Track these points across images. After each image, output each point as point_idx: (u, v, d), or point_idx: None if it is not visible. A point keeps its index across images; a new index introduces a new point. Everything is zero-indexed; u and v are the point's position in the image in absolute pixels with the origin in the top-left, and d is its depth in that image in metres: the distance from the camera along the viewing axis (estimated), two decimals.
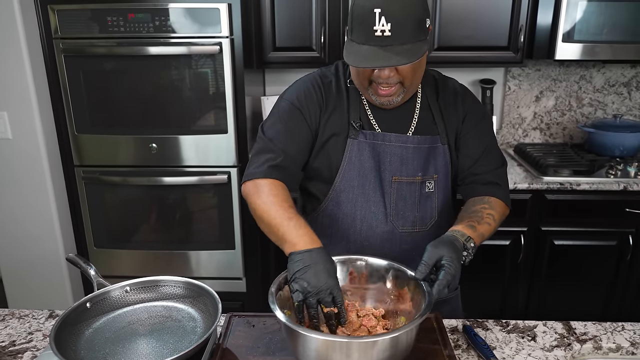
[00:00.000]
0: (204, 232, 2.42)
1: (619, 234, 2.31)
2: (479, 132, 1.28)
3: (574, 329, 1.22)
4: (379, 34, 1.04)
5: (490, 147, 1.29)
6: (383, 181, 1.25)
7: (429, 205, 1.29)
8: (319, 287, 0.97)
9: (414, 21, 1.05)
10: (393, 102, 1.20)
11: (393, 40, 1.05)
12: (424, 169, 1.26)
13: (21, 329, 1.23)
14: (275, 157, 1.20)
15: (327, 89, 1.26)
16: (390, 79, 1.13)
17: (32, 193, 2.32)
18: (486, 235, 1.16)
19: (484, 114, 1.32)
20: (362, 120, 1.25)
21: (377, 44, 1.05)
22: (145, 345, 1.02)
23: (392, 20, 1.03)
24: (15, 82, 2.18)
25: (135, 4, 2.12)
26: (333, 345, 0.89)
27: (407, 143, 1.25)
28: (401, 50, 1.05)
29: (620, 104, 2.75)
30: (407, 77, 1.15)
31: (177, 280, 1.16)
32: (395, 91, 1.17)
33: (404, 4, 1.04)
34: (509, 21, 2.35)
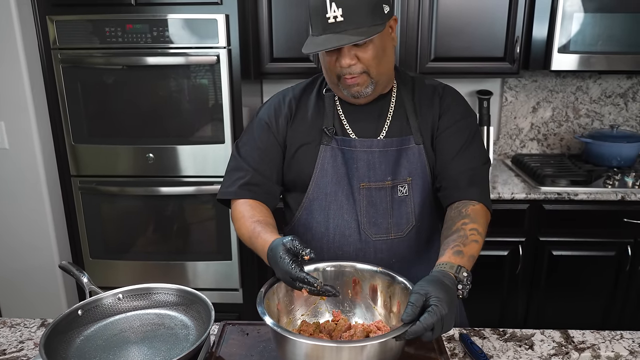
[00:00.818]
0: (201, 242, 2.41)
1: (617, 245, 2.30)
2: (456, 131, 1.24)
3: (572, 338, 1.21)
4: (331, 20, 1.06)
5: (468, 145, 1.23)
6: (353, 188, 1.23)
7: (403, 210, 1.25)
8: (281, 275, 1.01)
9: (367, 5, 1.06)
10: (363, 93, 1.18)
11: (346, 25, 1.06)
12: (393, 173, 1.23)
13: (12, 338, 1.21)
14: (244, 175, 1.24)
15: (299, 101, 1.28)
16: (352, 67, 1.13)
17: (28, 203, 2.31)
18: (476, 255, 1.08)
19: (464, 113, 1.27)
20: (336, 126, 1.25)
21: (332, 32, 1.07)
22: (137, 352, 1.00)
23: (342, 5, 1.05)
24: (13, 91, 2.18)
25: (133, 15, 2.14)
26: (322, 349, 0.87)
27: (372, 147, 1.22)
28: (355, 33, 1.06)
29: (617, 115, 2.76)
30: (371, 65, 1.14)
31: (169, 288, 1.14)
32: (363, 81, 1.16)
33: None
34: (505, 32, 2.36)
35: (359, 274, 1.12)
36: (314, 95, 1.28)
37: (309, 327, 1.04)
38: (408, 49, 2.40)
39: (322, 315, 1.13)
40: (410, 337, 0.86)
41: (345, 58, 1.12)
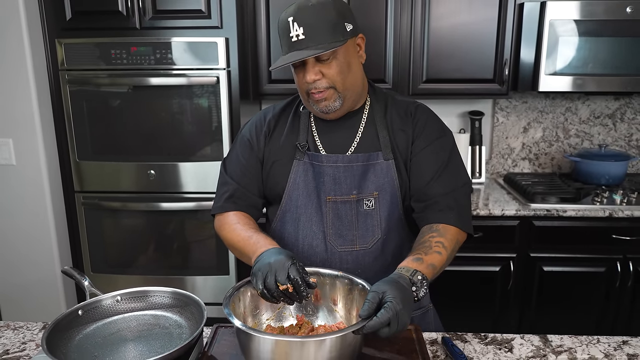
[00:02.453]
0: (200, 257, 2.47)
1: (607, 261, 2.35)
2: (432, 152, 1.27)
3: (550, 342, 1.25)
4: (294, 39, 1.15)
5: (445, 167, 1.26)
6: (321, 201, 1.29)
7: (369, 223, 1.28)
8: (270, 264, 1.02)
9: (327, 24, 1.14)
10: (331, 107, 1.23)
11: (308, 42, 1.14)
12: (359, 187, 1.27)
13: (15, 339, 1.27)
14: (228, 189, 1.33)
15: (278, 118, 1.36)
16: (317, 82, 1.19)
17: (33, 217, 2.39)
18: (438, 264, 1.11)
19: (440, 132, 1.30)
20: (309, 142, 1.31)
21: (295, 49, 1.15)
22: (134, 349, 1.06)
23: (303, 24, 1.13)
24: (22, 110, 2.28)
25: (138, 38, 2.25)
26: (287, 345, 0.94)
27: (337, 162, 1.27)
28: (314, 48, 1.14)
29: (606, 135, 2.84)
30: (336, 80, 1.20)
31: (165, 290, 1.21)
32: (330, 96, 1.21)
33: (315, 10, 1.15)
34: (494, 55, 2.46)
35: (321, 278, 1.18)
36: (292, 113, 1.36)
37: (273, 331, 1.11)
38: (401, 70, 2.49)
39: (286, 319, 1.19)
40: (368, 331, 0.93)
41: (310, 73, 1.18)
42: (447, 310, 1.45)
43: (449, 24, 2.44)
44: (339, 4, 1.19)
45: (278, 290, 1.01)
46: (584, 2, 2.32)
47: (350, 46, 1.21)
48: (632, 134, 2.83)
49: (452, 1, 2.42)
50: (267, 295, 1.03)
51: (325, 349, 0.93)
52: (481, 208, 2.33)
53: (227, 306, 1.03)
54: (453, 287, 2.39)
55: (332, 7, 1.16)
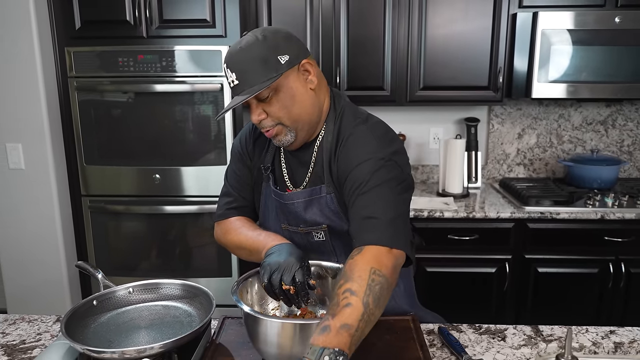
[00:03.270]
0: (202, 259, 2.53)
1: (599, 262, 2.41)
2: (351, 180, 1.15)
3: (542, 331, 1.32)
4: (232, 85, 1.12)
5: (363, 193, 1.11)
6: (281, 227, 1.31)
7: (324, 252, 1.28)
8: (279, 264, 1.07)
9: (257, 64, 1.09)
10: (284, 141, 1.20)
11: (242, 86, 1.10)
12: (304, 222, 1.25)
13: (31, 331, 1.33)
14: (233, 200, 1.37)
15: (257, 135, 1.34)
16: (263, 122, 1.17)
17: (41, 220, 2.45)
18: (354, 320, 0.89)
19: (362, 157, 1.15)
20: (275, 166, 1.31)
21: (235, 94, 1.13)
22: (146, 335, 1.12)
23: (235, 70, 1.11)
24: (31, 116, 2.35)
25: (144, 47, 2.33)
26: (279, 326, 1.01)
27: (280, 199, 1.28)
28: (247, 92, 1.10)
29: (598, 141, 2.92)
30: (280, 116, 1.16)
31: (175, 283, 1.27)
32: (279, 131, 1.18)
33: (243, 53, 1.11)
34: (488, 63, 2.55)
35: (324, 271, 1.24)
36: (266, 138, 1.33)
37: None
38: (399, 78, 2.58)
39: (291, 310, 1.25)
40: None
41: (254, 114, 1.16)
42: (444, 311, 1.51)
43: (445, 33, 2.53)
44: (271, 38, 1.13)
45: (280, 288, 1.07)
46: (575, 13, 2.41)
47: (291, 77, 1.14)
48: (623, 140, 2.91)
49: (448, 11, 2.51)
50: (270, 290, 1.09)
51: None
52: (477, 211, 2.40)
53: (235, 293, 1.09)
54: (450, 289, 2.46)
55: (262, 44, 1.11)
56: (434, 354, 1.20)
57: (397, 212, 1.09)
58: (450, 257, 2.45)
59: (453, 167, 2.65)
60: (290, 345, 1.01)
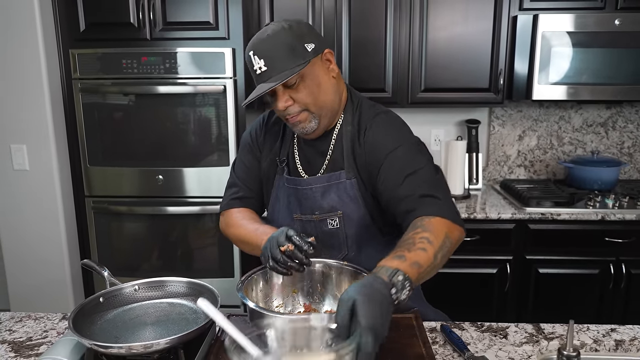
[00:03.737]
0: (204, 260, 2.54)
1: (600, 263, 2.42)
2: (390, 166, 1.21)
3: (543, 330, 1.33)
4: (259, 72, 1.16)
5: (408, 175, 1.18)
6: (292, 219, 1.35)
7: (335, 241, 1.31)
8: (273, 236, 1.13)
9: (285, 51, 1.15)
10: (308, 129, 1.24)
11: (271, 73, 1.15)
12: (320, 208, 1.29)
13: (37, 328, 1.34)
14: (238, 191, 1.40)
15: (270, 127, 1.39)
16: (290, 108, 1.20)
17: (45, 221, 2.46)
18: (424, 263, 0.98)
19: (397, 142, 1.23)
20: (289, 158, 1.35)
21: (261, 81, 1.17)
22: (152, 331, 1.14)
23: (263, 56, 1.15)
24: (36, 117, 2.37)
25: (148, 49, 2.35)
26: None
27: (297, 185, 1.31)
28: (277, 77, 1.14)
29: (598, 143, 2.94)
30: (307, 103, 1.20)
31: (180, 280, 1.29)
32: (304, 118, 1.22)
33: (271, 40, 1.15)
34: (489, 65, 2.56)
35: (327, 268, 1.25)
36: (282, 126, 1.38)
37: None
38: (400, 80, 2.59)
39: (294, 307, 1.27)
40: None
41: (280, 101, 1.19)
42: (446, 312, 1.53)
43: (446, 36, 2.55)
44: (296, 27, 1.18)
45: (281, 254, 1.09)
46: (575, 15, 2.43)
47: (317, 65, 1.20)
48: (624, 142, 2.92)
49: (449, 14, 2.53)
50: (276, 265, 1.10)
51: None
52: (478, 212, 2.41)
53: (240, 290, 1.10)
54: (451, 289, 2.46)
55: (288, 32, 1.16)
56: (437, 351, 1.21)
57: (446, 191, 1.19)
58: (452, 258, 2.37)
59: (454, 168, 2.67)
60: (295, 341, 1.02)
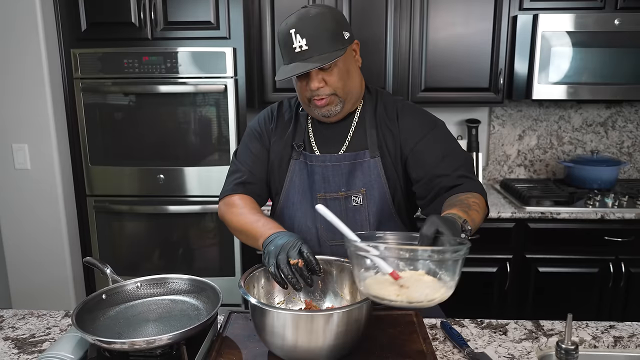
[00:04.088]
0: (206, 258, 2.55)
1: (599, 262, 2.43)
2: (426, 146, 1.31)
3: (542, 326, 1.34)
4: (298, 50, 1.21)
5: (445, 153, 1.31)
6: (314, 198, 1.37)
7: (358, 218, 1.36)
8: (282, 245, 1.10)
9: (328, 34, 1.21)
10: (333, 112, 1.31)
11: (311, 52, 1.20)
12: (347, 185, 1.35)
13: (40, 325, 1.35)
14: (241, 176, 1.41)
15: (281, 116, 1.44)
16: (321, 90, 1.26)
17: (46, 220, 2.47)
18: (477, 222, 1.12)
19: (429, 126, 1.35)
20: (305, 142, 1.39)
21: (299, 60, 1.21)
22: (154, 327, 1.15)
23: (306, 36, 1.20)
24: (37, 116, 2.38)
25: (149, 48, 2.36)
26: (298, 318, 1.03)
27: (326, 162, 1.35)
28: (318, 59, 1.20)
29: (598, 142, 2.94)
30: (337, 87, 1.27)
31: (182, 277, 1.30)
32: (332, 101, 1.29)
33: (315, 21, 1.21)
34: (489, 65, 2.57)
35: (328, 265, 1.26)
36: (293, 114, 1.44)
37: None
38: (400, 79, 2.60)
39: (295, 304, 1.27)
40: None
41: (314, 82, 1.25)
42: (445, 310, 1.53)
43: (446, 35, 2.56)
44: (336, 13, 1.27)
45: (288, 266, 1.08)
46: (575, 15, 2.44)
47: (348, 53, 1.28)
48: (623, 141, 2.93)
49: (449, 13, 2.54)
50: (278, 274, 1.10)
51: (333, 323, 1.02)
52: None
53: (242, 287, 1.11)
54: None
55: (331, 17, 1.23)
56: (437, 348, 1.22)
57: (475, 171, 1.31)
58: None
59: None
60: (296, 336, 1.03)
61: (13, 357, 1.19)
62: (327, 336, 1.02)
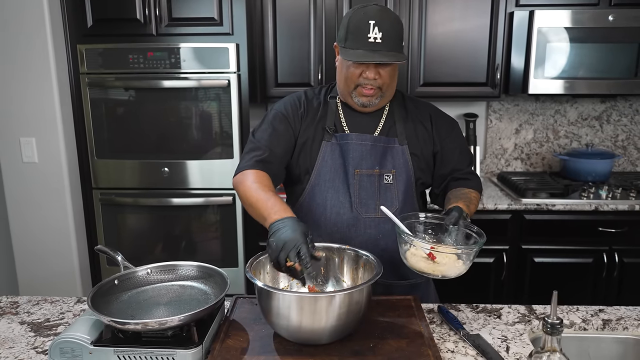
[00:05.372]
0: (209, 249, 2.61)
1: (594, 252, 2.49)
2: (453, 140, 1.53)
3: (535, 310, 1.40)
4: (372, 40, 1.31)
5: (462, 148, 1.55)
6: (348, 174, 1.46)
7: (389, 195, 1.47)
8: (285, 242, 1.13)
9: (398, 35, 1.35)
10: (373, 103, 1.43)
11: (383, 47, 1.31)
12: (380, 164, 1.47)
13: (54, 310, 1.41)
14: (261, 154, 1.44)
15: (309, 103, 1.52)
16: (375, 80, 1.38)
17: (53, 213, 2.53)
18: (472, 214, 1.39)
19: (452, 125, 1.56)
20: (336, 125, 1.49)
21: (369, 49, 1.31)
22: (165, 310, 1.21)
23: (383, 30, 1.31)
24: (44, 111, 2.43)
25: (154, 44, 2.41)
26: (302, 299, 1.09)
27: (364, 141, 1.46)
28: (388, 54, 1.32)
29: (593, 136, 3.00)
30: (386, 82, 1.40)
31: (191, 264, 1.35)
32: (375, 93, 1.41)
33: (392, 20, 1.34)
34: (486, 60, 2.63)
35: (330, 252, 1.32)
36: (321, 101, 1.53)
37: None
38: (400, 74, 2.61)
39: (299, 289, 1.31)
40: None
41: (371, 72, 1.36)
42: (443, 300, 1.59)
43: (444, 31, 2.61)
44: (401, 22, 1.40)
45: (285, 266, 1.14)
46: (570, 11, 2.49)
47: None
48: (618, 135, 2.99)
49: (447, 10, 2.59)
50: (278, 268, 1.17)
51: (335, 304, 1.08)
52: None
53: (249, 271, 1.17)
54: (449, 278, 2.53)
55: (401, 23, 1.38)
56: (434, 330, 1.28)
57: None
58: None
59: None
60: (301, 317, 1.09)
61: (30, 340, 1.25)
62: (329, 317, 1.08)
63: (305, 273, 1.15)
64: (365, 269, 1.28)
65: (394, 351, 1.13)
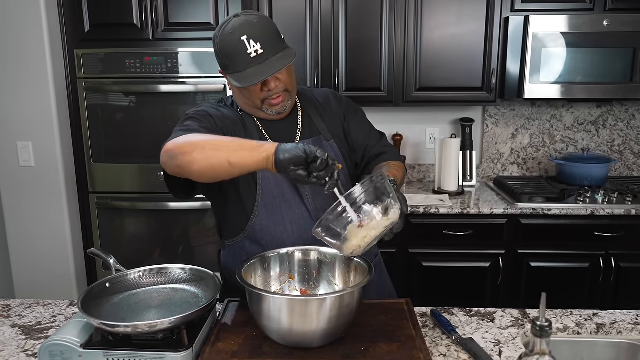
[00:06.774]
0: (204, 254, 2.61)
1: (590, 257, 2.49)
2: (359, 123, 1.55)
3: (528, 314, 1.40)
4: (254, 55, 1.25)
5: (370, 128, 1.58)
6: (296, 185, 1.38)
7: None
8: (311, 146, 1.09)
9: (274, 34, 1.30)
10: (286, 106, 1.39)
11: (267, 55, 1.26)
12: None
13: (46, 314, 1.41)
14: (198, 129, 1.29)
15: (222, 120, 1.38)
16: (277, 88, 1.33)
17: (49, 217, 2.53)
18: (399, 177, 1.39)
19: (356, 107, 1.58)
20: (260, 139, 1.38)
21: (256, 63, 1.25)
22: (156, 313, 1.20)
23: (259, 40, 1.25)
24: (41, 115, 2.44)
25: (150, 49, 2.42)
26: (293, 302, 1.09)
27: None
28: (276, 58, 1.27)
29: (589, 141, 3.01)
30: (288, 82, 1.35)
31: (183, 267, 1.35)
32: (285, 98, 1.37)
33: (262, 25, 1.28)
34: (482, 65, 2.63)
35: (322, 256, 1.32)
36: (238, 117, 1.42)
37: None
38: (395, 79, 2.66)
39: (291, 292, 1.32)
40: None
41: (273, 82, 1.31)
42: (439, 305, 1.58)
43: (440, 36, 2.62)
44: (267, 16, 1.37)
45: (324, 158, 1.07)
46: (565, 16, 2.51)
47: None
48: (614, 140, 3.00)
49: (443, 15, 2.60)
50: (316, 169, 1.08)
51: (326, 307, 1.07)
52: (471, 208, 2.48)
53: (240, 275, 1.17)
54: (445, 283, 2.54)
55: (269, 20, 1.33)
56: (427, 334, 1.28)
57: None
58: (446, 252, 2.53)
59: (448, 165, 2.74)
60: (292, 320, 1.08)
61: (20, 343, 1.25)
62: (320, 320, 1.08)
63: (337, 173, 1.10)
64: (356, 272, 1.28)
65: (385, 355, 1.12)
